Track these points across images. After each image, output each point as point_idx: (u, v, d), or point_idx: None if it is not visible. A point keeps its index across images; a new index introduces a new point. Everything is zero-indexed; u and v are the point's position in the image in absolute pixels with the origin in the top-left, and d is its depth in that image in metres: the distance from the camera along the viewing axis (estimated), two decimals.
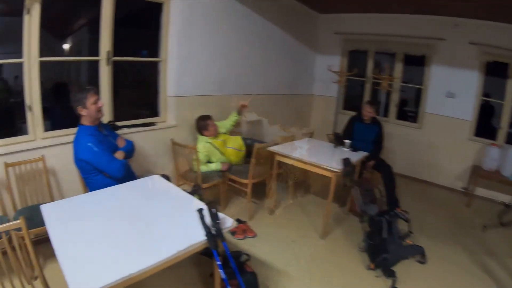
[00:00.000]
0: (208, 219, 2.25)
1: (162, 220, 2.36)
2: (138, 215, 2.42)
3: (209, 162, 4.42)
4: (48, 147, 3.55)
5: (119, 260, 1.87)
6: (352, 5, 6.17)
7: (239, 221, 4.07)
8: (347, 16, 6.82)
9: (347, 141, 4.48)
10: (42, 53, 3.45)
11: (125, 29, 4.20)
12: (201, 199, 2.87)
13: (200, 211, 2.26)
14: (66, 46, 4.27)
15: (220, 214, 2.33)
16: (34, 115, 3.51)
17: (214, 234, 2.17)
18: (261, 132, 5.91)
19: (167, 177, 3.40)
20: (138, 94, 5.04)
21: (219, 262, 2.20)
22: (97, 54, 3.92)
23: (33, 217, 2.83)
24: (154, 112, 4.69)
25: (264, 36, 5.83)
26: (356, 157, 4.17)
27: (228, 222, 2.34)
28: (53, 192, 3.57)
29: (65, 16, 4.05)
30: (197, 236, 2.13)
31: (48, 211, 2.42)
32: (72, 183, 3.60)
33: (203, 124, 4.43)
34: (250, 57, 5.63)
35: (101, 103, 3.13)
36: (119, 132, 3.82)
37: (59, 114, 3.99)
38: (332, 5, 6.50)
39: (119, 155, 3.21)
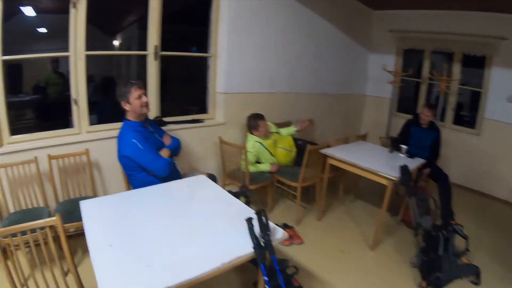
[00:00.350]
0: (257, 229, 2.05)
1: (206, 226, 2.20)
2: (180, 218, 2.29)
3: (257, 162, 4.29)
4: (93, 141, 3.58)
5: (156, 268, 1.73)
6: (408, 0, 5.83)
7: (286, 226, 3.90)
8: (402, 12, 6.46)
9: (404, 147, 4.20)
10: (91, 48, 3.49)
11: (174, 25, 4.25)
12: (248, 201, 2.71)
13: (249, 220, 2.06)
14: (115, 42, 4.39)
15: (270, 224, 2.13)
16: (80, 108, 3.58)
17: (262, 246, 1.98)
18: (312, 133, 5.72)
19: (213, 177, 3.30)
20: (186, 90, 5.05)
21: (266, 278, 2.00)
22: (145, 50, 3.91)
23: (74, 211, 2.86)
24: (202, 109, 4.64)
25: (316, 33, 5.61)
26: (413, 164, 3.90)
27: (278, 233, 2.14)
28: (96, 187, 3.63)
29: (114, 12, 4.13)
30: (244, 247, 1.95)
31: (87, 207, 2.36)
32: (116, 178, 3.61)
33: (254, 124, 4.28)
34: (301, 54, 5.42)
35: (145, 99, 3.00)
36: (165, 128, 3.76)
37: (106, 108, 4.06)
38: (386, 1, 6.18)
39: (164, 153, 3.08)
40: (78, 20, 3.35)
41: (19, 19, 3.44)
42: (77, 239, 3.14)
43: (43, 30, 3.71)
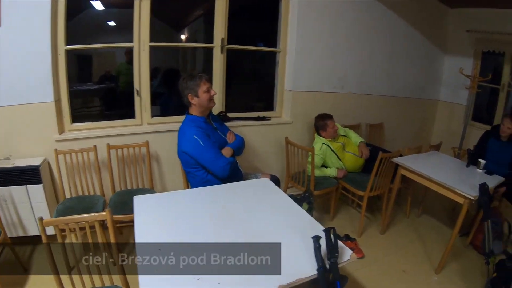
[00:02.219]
0: (323, 249, 1.80)
1: (265, 238, 1.95)
2: (238, 226, 2.10)
3: (323, 166, 4.08)
4: (154, 133, 3.60)
5: (205, 282, 1.60)
6: None
7: (348, 237, 3.66)
8: (482, 11, 5.91)
9: (482, 161, 3.79)
10: (156, 41, 3.60)
11: (240, 20, 4.21)
12: (310, 208, 2.52)
13: (317, 240, 1.81)
14: (182, 36, 4.43)
15: (339, 244, 1.87)
16: (142, 99, 3.61)
17: (327, 268, 1.74)
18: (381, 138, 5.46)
19: (276, 180, 3.16)
20: (251, 86, 4.93)
21: None
22: (211, 43, 3.90)
23: (130, 202, 2.81)
24: (268, 106, 4.54)
25: (389, 31, 5.28)
26: (492, 182, 3.47)
27: (346, 254, 1.87)
28: (154, 180, 3.63)
29: (180, 5, 4.14)
30: (305, 268, 1.73)
31: (140, 203, 2.32)
32: (175, 173, 3.63)
33: (322, 124, 4.08)
34: (373, 53, 5.11)
35: (213, 92, 2.92)
36: (229, 124, 3.65)
37: (169, 101, 4.07)
38: None
39: (227, 152, 2.95)
40: (142, 10, 3.42)
41: (88, 13, 3.52)
42: (131, 229, 3.09)
43: (111, 23, 3.78)
